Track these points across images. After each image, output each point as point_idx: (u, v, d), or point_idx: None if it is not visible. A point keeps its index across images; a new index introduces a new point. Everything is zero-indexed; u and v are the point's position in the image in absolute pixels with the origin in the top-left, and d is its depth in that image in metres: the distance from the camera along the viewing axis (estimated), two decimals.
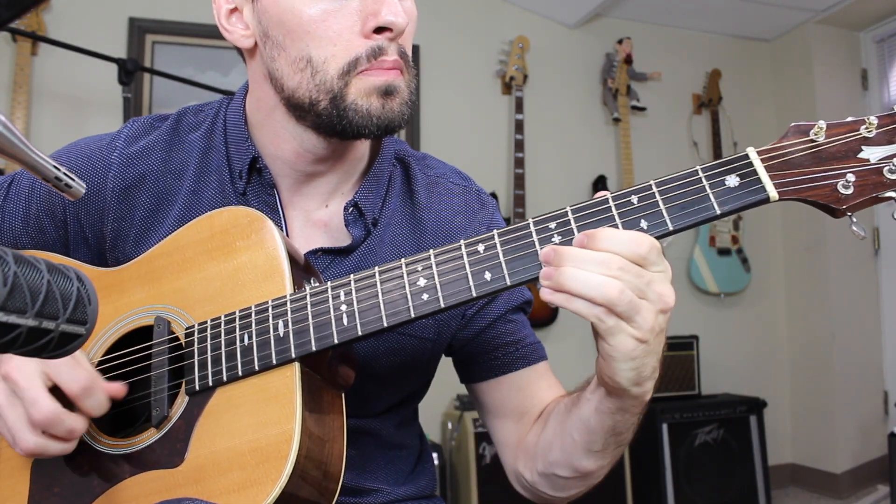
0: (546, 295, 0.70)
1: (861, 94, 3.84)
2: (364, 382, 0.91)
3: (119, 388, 0.82)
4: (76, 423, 0.77)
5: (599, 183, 3.55)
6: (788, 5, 3.60)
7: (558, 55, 3.64)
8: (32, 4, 0.48)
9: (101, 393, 0.79)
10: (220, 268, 0.84)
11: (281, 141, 0.93)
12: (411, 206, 1.00)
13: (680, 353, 3.36)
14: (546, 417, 0.95)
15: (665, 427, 3.11)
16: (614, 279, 0.67)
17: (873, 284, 3.76)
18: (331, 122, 0.86)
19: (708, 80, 3.88)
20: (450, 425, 2.93)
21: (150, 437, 0.81)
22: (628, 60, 3.64)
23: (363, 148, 0.99)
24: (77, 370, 0.78)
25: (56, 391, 0.78)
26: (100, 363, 0.87)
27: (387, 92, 0.84)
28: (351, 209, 0.94)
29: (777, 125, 4.00)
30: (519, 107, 3.39)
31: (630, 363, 0.70)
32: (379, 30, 0.83)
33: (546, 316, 3.29)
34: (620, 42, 3.66)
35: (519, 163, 3.31)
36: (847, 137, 0.71)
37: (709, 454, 3.16)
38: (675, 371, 3.35)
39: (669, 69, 3.79)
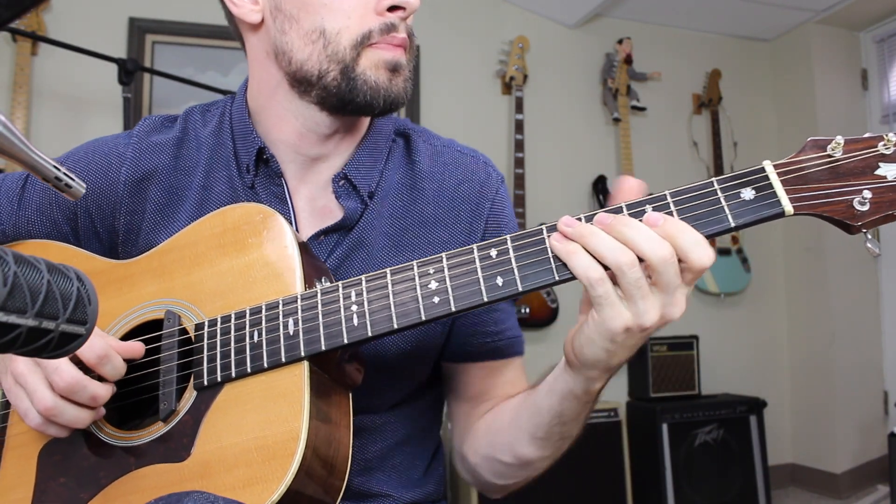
0: (554, 241, 0.71)
1: (861, 94, 3.84)
2: (372, 374, 0.91)
3: (137, 347, 0.82)
4: (99, 389, 0.78)
5: (599, 183, 3.55)
6: (788, 5, 3.60)
7: (558, 55, 3.64)
8: (32, 4, 0.48)
9: (117, 358, 0.80)
10: (232, 264, 0.84)
11: (283, 123, 0.94)
12: (412, 175, 0.99)
13: (680, 353, 3.36)
14: (502, 405, 0.96)
15: (665, 427, 3.11)
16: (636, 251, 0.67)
17: (873, 284, 3.77)
18: (339, 94, 0.88)
19: (708, 80, 3.88)
20: (450, 425, 2.92)
21: (157, 430, 0.81)
22: (628, 60, 3.64)
23: (364, 126, 0.99)
24: (92, 339, 0.78)
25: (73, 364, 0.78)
26: None
27: (395, 68, 0.88)
28: (342, 182, 0.94)
29: (777, 125, 4.00)
30: (519, 107, 3.39)
31: (607, 344, 0.71)
32: (392, 8, 0.86)
33: (546, 316, 3.29)
34: (620, 42, 3.66)
35: (519, 163, 3.31)
36: (865, 154, 0.70)
37: (709, 454, 3.16)
38: (675, 371, 3.35)
39: (669, 69, 3.79)
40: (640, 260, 0.68)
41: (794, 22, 3.80)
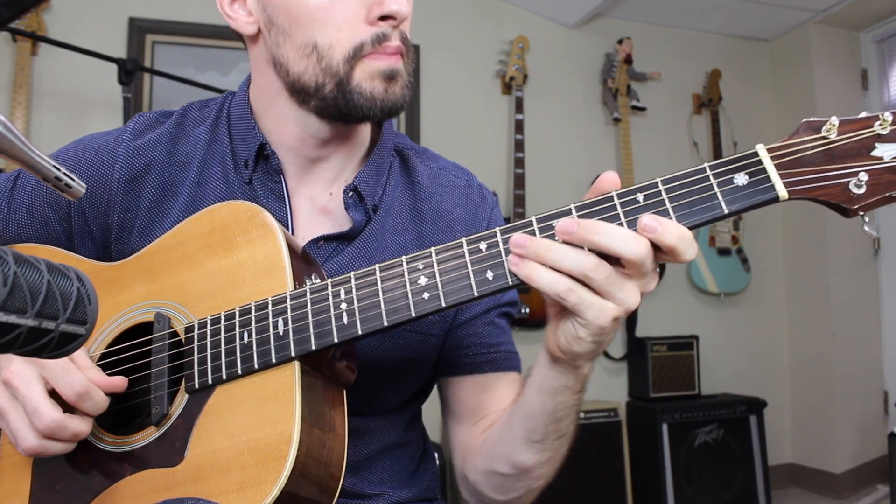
0: (512, 266, 0.69)
1: (861, 94, 3.83)
2: (371, 380, 0.91)
3: (119, 382, 0.81)
4: (80, 427, 0.77)
5: None
6: (788, 5, 3.60)
7: (558, 55, 3.64)
8: (32, 4, 0.48)
9: (98, 394, 0.79)
10: (221, 263, 0.84)
11: (284, 127, 0.94)
12: (412, 195, 1.01)
13: (680, 353, 3.36)
14: (497, 419, 0.95)
15: (665, 427, 3.11)
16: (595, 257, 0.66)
17: (873, 284, 3.76)
18: (336, 106, 0.88)
19: (708, 80, 3.88)
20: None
21: (149, 434, 0.81)
22: (628, 60, 3.64)
23: (365, 132, 1.00)
24: (71, 374, 0.77)
25: (56, 393, 0.78)
26: (100, 358, 0.86)
27: (390, 76, 0.87)
28: (351, 193, 0.95)
29: (777, 125, 4.00)
30: (519, 107, 3.39)
31: (597, 337, 0.71)
32: (383, 17, 0.86)
33: (546, 316, 3.29)
34: (620, 42, 3.66)
35: (519, 163, 3.31)
36: (860, 134, 0.68)
37: (709, 454, 3.16)
38: (675, 371, 3.35)
39: (669, 69, 3.79)
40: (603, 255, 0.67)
41: (794, 22, 3.80)
